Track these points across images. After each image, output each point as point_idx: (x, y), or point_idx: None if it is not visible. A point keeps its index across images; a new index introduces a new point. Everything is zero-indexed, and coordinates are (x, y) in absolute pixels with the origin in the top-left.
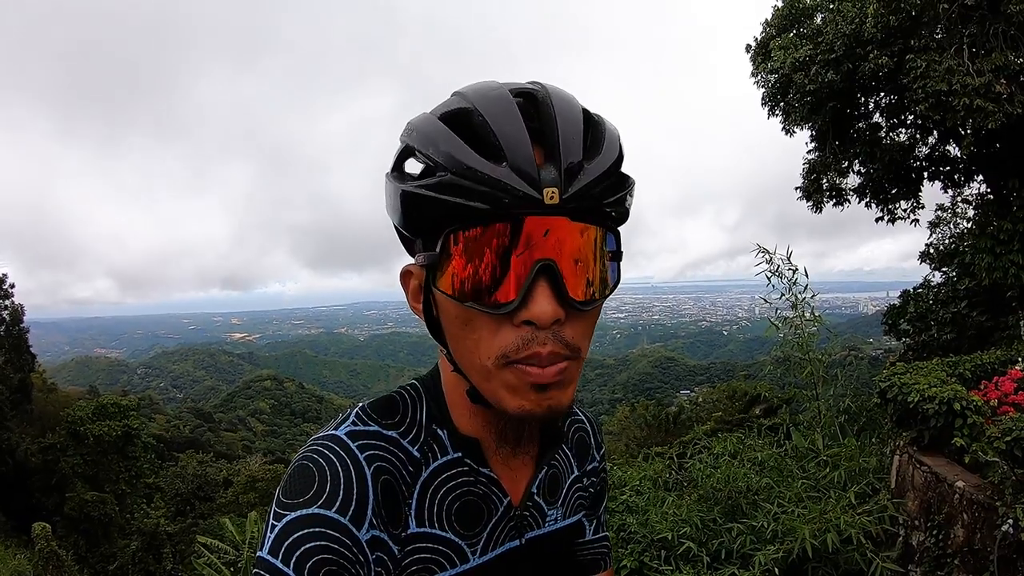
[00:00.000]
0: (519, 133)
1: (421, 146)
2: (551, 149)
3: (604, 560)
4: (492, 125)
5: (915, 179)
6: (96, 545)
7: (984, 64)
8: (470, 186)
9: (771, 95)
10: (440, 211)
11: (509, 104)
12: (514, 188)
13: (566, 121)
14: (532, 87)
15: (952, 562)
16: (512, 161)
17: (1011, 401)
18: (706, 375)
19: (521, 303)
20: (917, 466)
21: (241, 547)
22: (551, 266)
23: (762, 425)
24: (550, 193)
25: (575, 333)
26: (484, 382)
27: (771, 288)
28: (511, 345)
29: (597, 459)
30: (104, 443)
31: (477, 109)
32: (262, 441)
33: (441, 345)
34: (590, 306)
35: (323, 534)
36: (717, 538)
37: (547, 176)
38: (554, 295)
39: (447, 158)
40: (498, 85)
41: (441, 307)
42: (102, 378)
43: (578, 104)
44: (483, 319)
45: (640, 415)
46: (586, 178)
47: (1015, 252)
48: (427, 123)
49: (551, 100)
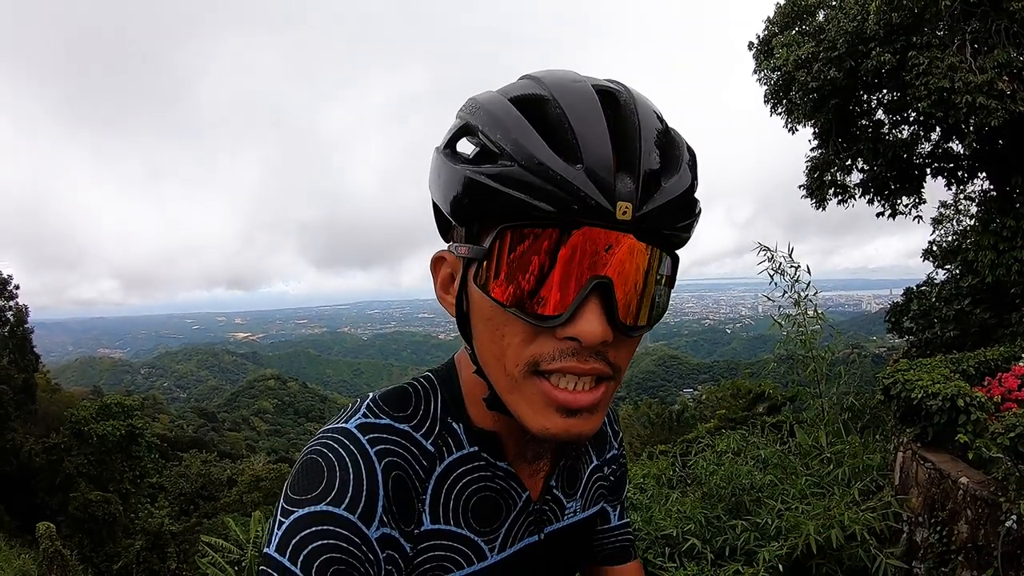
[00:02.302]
0: (600, 135)
1: (488, 128)
2: (630, 160)
3: (631, 549)
4: (571, 121)
5: (918, 176)
6: (100, 545)
7: (986, 61)
8: (538, 184)
9: (773, 92)
10: (498, 203)
11: (592, 100)
12: (586, 195)
13: (648, 133)
14: (614, 86)
15: (956, 558)
16: (588, 164)
17: (1015, 397)
18: (709, 373)
19: (569, 318)
20: (921, 463)
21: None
22: (607, 285)
23: (765, 423)
24: (623, 208)
25: (618, 355)
26: (507, 393)
27: (774, 286)
28: (547, 353)
29: (616, 446)
30: (108, 443)
31: (555, 99)
32: (266, 440)
33: (466, 342)
34: (639, 332)
35: (331, 532)
36: (721, 535)
37: (623, 188)
38: (605, 315)
39: (516, 147)
40: (580, 77)
41: (475, 305)
42: (106, 378)
43: (660, 113)
44: (520, 326)
45: (643, 413)
46: (662, 198)
47: (1018, 249)
48: (496, 103)
49: (635, 105)
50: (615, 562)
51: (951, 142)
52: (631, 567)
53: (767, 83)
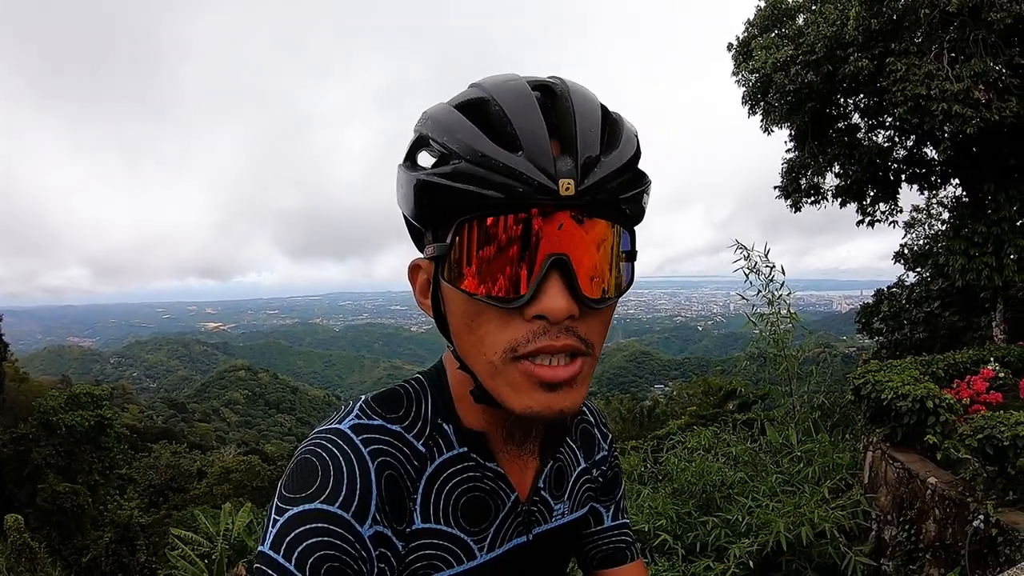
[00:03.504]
0: (536, 123)
1: (436, 134)
2: (568, 142)
3: (629, 550)
4: (509, 115)
5: (892, 181)
6: (69, 537)
7: (963, 70)
8: (485, 174)
9: (751, 94)
10: (453, 200)
11: (527, 95)
12: (529, 177)
13: (584, 115)
14: (551, 80)
15: (924, 556)
16: (528, 151)
17: (983, 400)
18: (680, 370)
19: (532, 297)
20: (890, 462)
21: (215, 539)
22: (564, 261)
23: (736, 420)
24: (565, 184)
25: (589, 330)
26: (489, 379)
27: (748, 285)
28: (521, 338)
29: (605, 448)
30: (77, 433)
31: (494, 99)
32: (236, 432)
33: (448, 341)
34: (603, 304)
35: (325, 530)
36: (692, 531)
37: (563, 167)
38: (567, 290)
39: (462, 146)
40: (516, 77)
41: (448, 301)
42: (75, 367)
43: (596, 99)
44: (491, 313)
45: (615, 409)
46: (602, 171)
47: (988, 255)
48: (443, 112)
49: (569, 94)
50: (612, 564)
51: (926, 147)
52: (631, 568)
53: (745, 85)
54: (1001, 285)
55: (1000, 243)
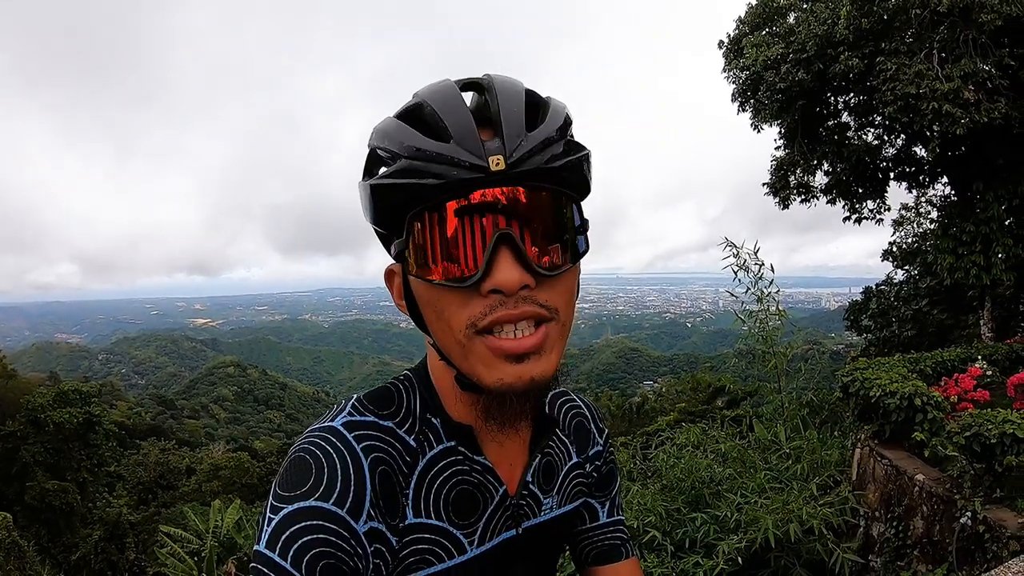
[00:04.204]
0: (461, 113)
1: (380, 142)
2: (494, 124)
3: (625, 547)
4: (439, 112)
5: (881, 179)
6: (58, 535)
7: (953, 70)
8: (423, 166)
9: (741, 91)
10: (400, 197)
11: (453, 92)
12: (460, 160)
13: (507, 100)
14: (479, 78)
15: (912, 553)
16: (457, 138)
17: (970, 398)
18: (669, 366)
19: (485, 274)
20: (878, 459)
21: (204, 536)
22: (509, 235)
23: (725, 417)
24: (495, 160)
25: (550, 296)
26: (463, 360)
27: (737, 282)
28: (478, 312)
29: (600, 443)
30: (65, 431)
31: (426, 102)
32: (225, 428)
33: (426, 335)
34: (557, 272)
35: (321, 527)
36: (681, 527)
37: (492, 146)
38: (518, 262)
39: (401, 147)
40: (447, 80)
41: (416, 294)
42: (63, 364)
43: (521, 87)
44: (451, 296)
45: (604, 405)
46: (529, 144)
47: (976, 254)
48: (386, 123)
49: (494, 85)
50: (607, 560)
51: (915, 146)
52: (625, 565)
53: (736, 82)
54: (989, 284)
55: (988, 242)
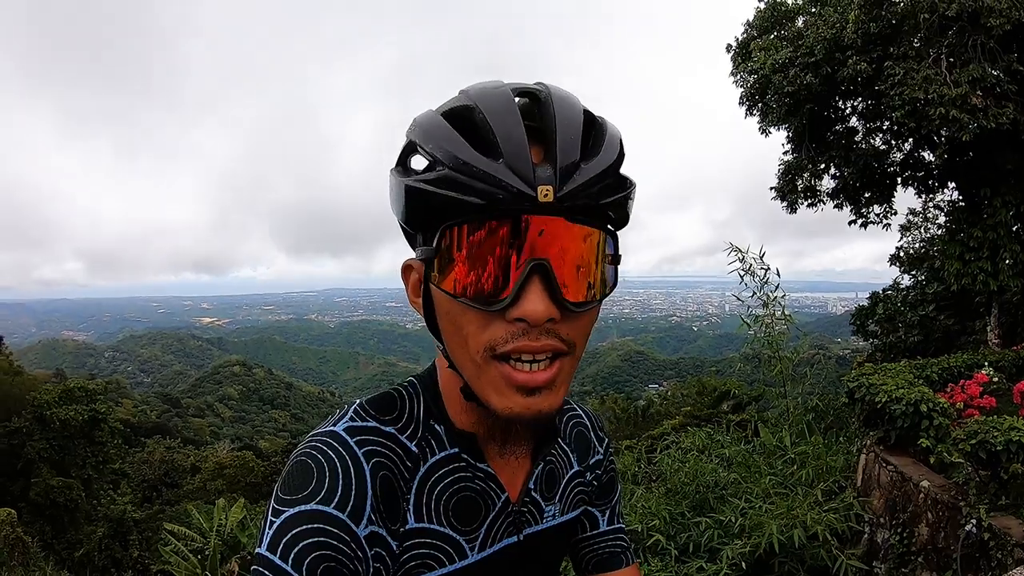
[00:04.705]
0: (516, 131)
1: (423, 142)
2: (548, 148)
3: (625, 555)
4: (491, 122)
5: (889, 184)
6: (62, 531)
7: (961, 75)
8: (467, 181)
9: (749, 95)
10: (438, 206)
11: (509, 102)
12: (509, 184)
13: (565, 121)
14: (536, 87)
15: (916, 560)
16: (508, 158)
17: (976, 404)
18: (675, 370)
19: (513, 301)
20: (883, 465)
21: (208, 534)
22: (544, 265)
23: (731, 421)
24: (544, 191)
25: (571, 330)
26: (475, 379)
27: (743, 286)
28: (500, 337)
29: (600, 452)
30: (70, 428)
31: (478, 107)
32: (230, 427)
33: (438, 341)
34: (585, 308)
35: (322, 530)
36: (685, 532)
37: (542, 174)
38: (547, 294)
39: (445, 153)
40: (502, 84)
41: (436, 302)
42: (69, 361)
43: (580, 105)
44: (474, 314)
45: (609, 408)
46: (581, 177)
47: (984, 259)
48: (430, 120)
49: (552, 100)
50: (607, 568)
51: (923, 151)
52: (625, 573)
53: (743, 85)
54: (996, 290)
55: (996, 248)
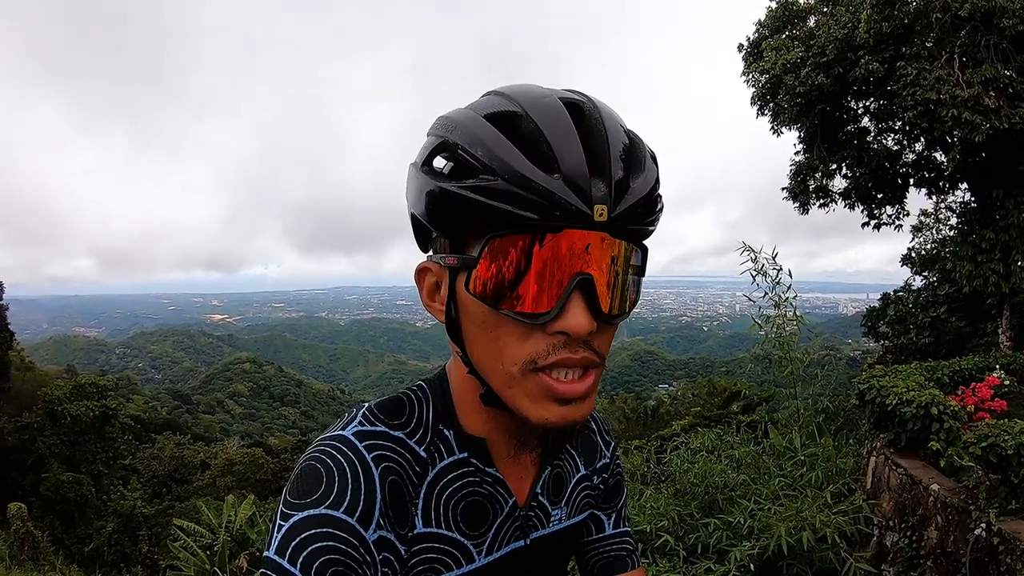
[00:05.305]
0: (573, 145)
1: (468, 145)
2: (601, 165)
3: (630, 558)
4: (545, 133)
5: (901, 185)
6: (72, 526)
7: (974, 76)
8: (522, 195)
9: (761, 95)
10: (483, 215)
11: (562, 113)
12: (567, 202)
13: (614, 137)
14: (578, 98)
15: (925, 563)
16: (565, 173)
17: (987, 407)
18: (685, 370)
19: (557, 315)
20: (893, 468)
21: (217, 530)
22: (589, 280)
23: (740, 422)
24: (600, 210)
25: (602, 343)
26: (505, 388)
27: (755, 287)
28: (541, 351)
29: (607, 455)
30: (81, 423)
31: (528, 115)
32: (240, 424)
33: (457, 346)
34: (619, 320)
35: (330, 534)
36: (694, 533)
37: (597, 193)
38: (588, 308)
39: (500, 163)
40: (547, 91)
41: (466, 309)
42: (80, 357)
43: (621, 120)
44: (512, 325)
45: (619, 408)
46: (632, 198)
47: (996, 261)
48: (473, 121)
49: (599, 114)
50: (613, 572)
51: (935, 152)
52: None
53: (755, 85)
54: (1008, 292)
55: (1008, 250)
